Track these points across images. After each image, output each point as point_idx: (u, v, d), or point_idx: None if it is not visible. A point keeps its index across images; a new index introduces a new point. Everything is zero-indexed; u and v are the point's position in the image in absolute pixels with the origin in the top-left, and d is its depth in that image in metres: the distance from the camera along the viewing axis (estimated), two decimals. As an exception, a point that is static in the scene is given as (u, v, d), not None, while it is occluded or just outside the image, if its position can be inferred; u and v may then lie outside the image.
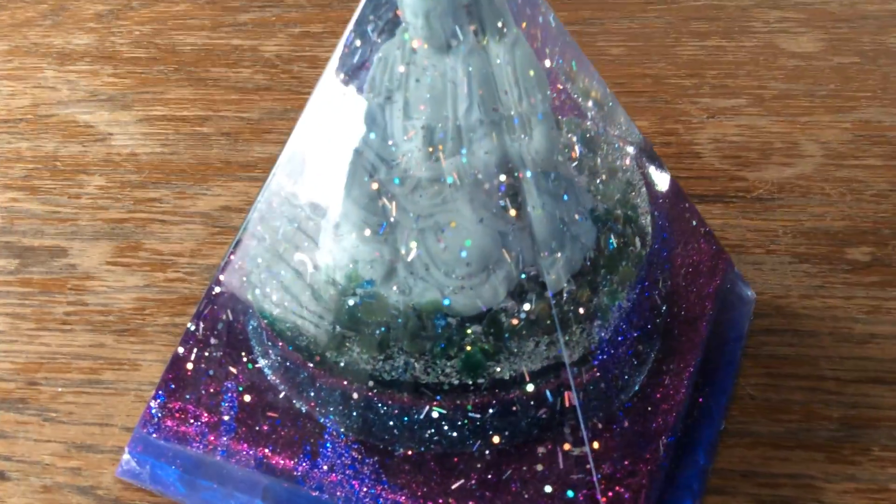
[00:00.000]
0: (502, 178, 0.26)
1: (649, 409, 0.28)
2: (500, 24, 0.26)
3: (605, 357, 0.27)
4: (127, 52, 0.62)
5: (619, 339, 0.28)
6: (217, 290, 0.30)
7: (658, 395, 0.29)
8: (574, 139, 0.29)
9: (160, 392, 0.30)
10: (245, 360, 0.30)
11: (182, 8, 0.69)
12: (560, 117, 0.29)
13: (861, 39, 0.59)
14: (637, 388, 0.28)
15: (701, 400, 0.31)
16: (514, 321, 0.26)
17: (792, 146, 0.49)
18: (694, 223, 0.33)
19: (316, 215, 0.30)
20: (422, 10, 0.26)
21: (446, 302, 0.27)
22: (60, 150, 0.52)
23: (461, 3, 0.26)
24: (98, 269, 0.42)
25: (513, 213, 0.26)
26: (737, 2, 0.64)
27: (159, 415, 0.30)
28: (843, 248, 0.41)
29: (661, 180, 0.32)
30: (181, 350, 0.30)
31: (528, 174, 0.26)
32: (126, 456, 0.31)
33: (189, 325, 0.30)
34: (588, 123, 0.30)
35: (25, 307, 0.40)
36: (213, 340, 0.30)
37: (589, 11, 0.65)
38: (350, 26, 0.27)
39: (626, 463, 0.26)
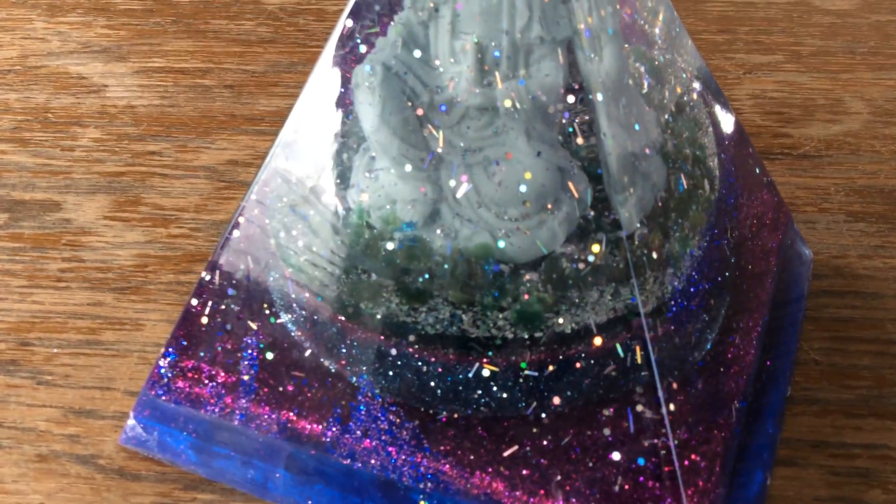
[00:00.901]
0: (570, 99, 0.23)
1: (721, 369, 0.25)
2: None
3: (678, 309, 0.24)
4: (121, 4, 0.58)
5: (692, 290, 0.25)
6: (236, 234, 0.26)
7: (729, 356, 0.26)
8: (642, 69, 0.26)
9: (170, 349, 0.27)
10: (267, 313, 0.27)
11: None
12: (626, 44, 0.25)
13: (898, -3, 0.56)
14: (709, 346, 0.25)
15: (769, 363, 0.28)
16: (580, 266, 0.23)
17: (836, 103, 0.46)
18: (757, 171, 0.30)
19: (347, 149, 0.26)
20: None
21: (500, 245, 0.24)
22: (52, 101, 0.48)
23: None
24: (95, 224, 0.39)
25: (580, 141, 0.23)
26: (764, -41, 0.61)
27: (169, 375, 0.27)
28: (900, 208, 0.38)
29: (727, 121, 0.29)
30: (194, 302, 0.27)
31: (600, 97, 0.23)
32: (131, 421, 0.28)
33: (203, 274, 0.27)
34: (655, 52, 0.26)
35: (16, 263, 0.37)
36: (230, 292, 0.27)
37: None
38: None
39: (700, 429, 0.23)
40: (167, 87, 0.49)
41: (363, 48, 0.25)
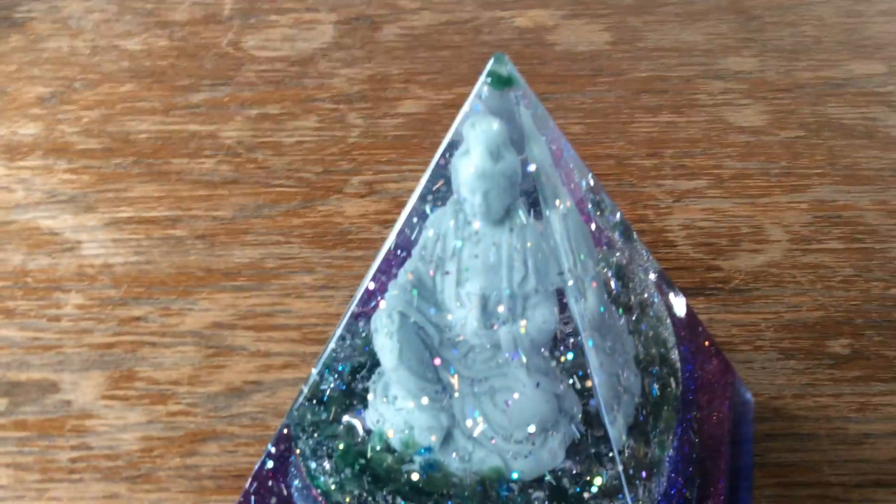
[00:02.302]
0: (564, 351, 0.27)
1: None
2: (556, 199, 0.27)
3: (664, 515, 0.28)
4: (79, 143, 0.60)
5: (672, 490, 0.29)
6: (269, 463, 0.29)
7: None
8: (609, 273, 0.30)
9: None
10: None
11: (128, 89, 0.67)
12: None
13: (802, 111, 0.62)
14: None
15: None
16: (582, 490, 0.27)
17: (758, 230, 0.51)
18: (707, 343, 0.35)
19: (362, 379, 0.30)
20: (481, 189, 0.26)
21: (514, 474, 0.27)
22: (29, 263, 0.50)
23: (517, 182, 0.26)
24: (95, 405, 0.41)
25: (577, 383, 0.27)
26: (679, 72, 0.67)
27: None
28: (823, 341, 0.43)
29: (679, 306, 0.33)
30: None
31: (590, 342, 0.27)
32: None
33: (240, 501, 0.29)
34: (616, 254, 0.31)
35: (26, 455, 0.38)
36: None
37: (542, 85, 0.66)
38: (411, 203, 0.27)
39: None
40: (140, 240, 0.51)
41: (382, 302, 0.28)
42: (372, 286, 0.28)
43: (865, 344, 0.43)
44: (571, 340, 0.28)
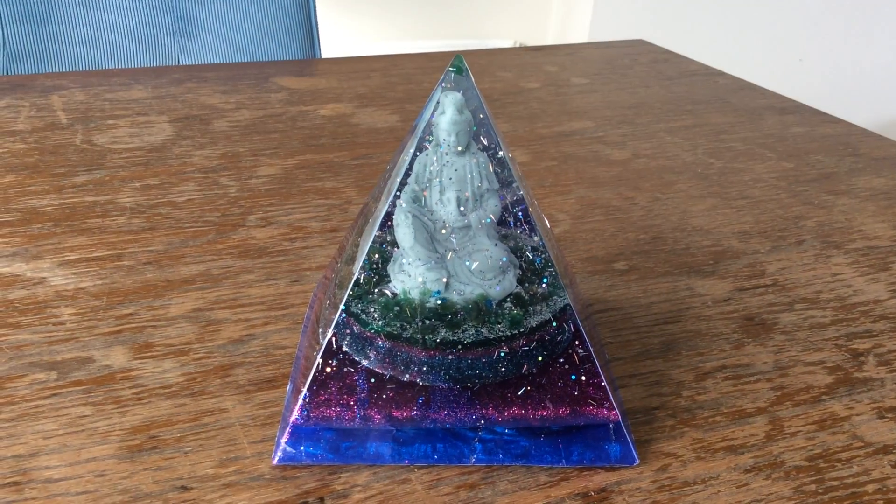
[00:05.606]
0: (512, 218, 0.49)
1: (596, 338, 0.52)
2: (488, 141, 0.49)
3: (579, 305, 0.50)
4: (-6, 217, 0.72)
5: (577, 303, 0.51)
6: (335, 320, 0.47)
7: (593, 337, 0.52)
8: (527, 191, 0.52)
9: (306, 393, 0.46)
10: (363, 362, 0.48)
11: (11, 179, 0.80)
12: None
13: (550, 151, 0.91)
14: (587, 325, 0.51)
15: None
16: (532, 293, 0.49)
17: (550, 216, 0.76)
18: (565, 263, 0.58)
19: (383, 268, 0.49)
20: (454, 130, 0.48)
21: (490, 293, 0.48)
22: (8, 295, 0.61)
23: (472, 127, 0.48)
24: (131, 364, 0.55)
25: (528, 230, 0.49)
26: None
27: (308, 408, 0.46)
28: (611, 264, 0.69)
29: (547, 220, 0.56)
30: (320, 362, 0.47)
31: (532, 217, 0.49)
32: (282, 445, 0.46)
33: (318, 359, 0.47)
34: (524, 183, 0.53)
35: (95, 397, 0.52)
36: (340, 356, 0.47)
37: (363, 149, 0.89)
38: (414, 142, 0.48)
39: (604, 362, 0.49)
40: (97, 270, 0.65)
41: (398, 209, 0.48)
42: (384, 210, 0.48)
43: (635, 263, 0.69)
44: (520, 214, 0.50)
